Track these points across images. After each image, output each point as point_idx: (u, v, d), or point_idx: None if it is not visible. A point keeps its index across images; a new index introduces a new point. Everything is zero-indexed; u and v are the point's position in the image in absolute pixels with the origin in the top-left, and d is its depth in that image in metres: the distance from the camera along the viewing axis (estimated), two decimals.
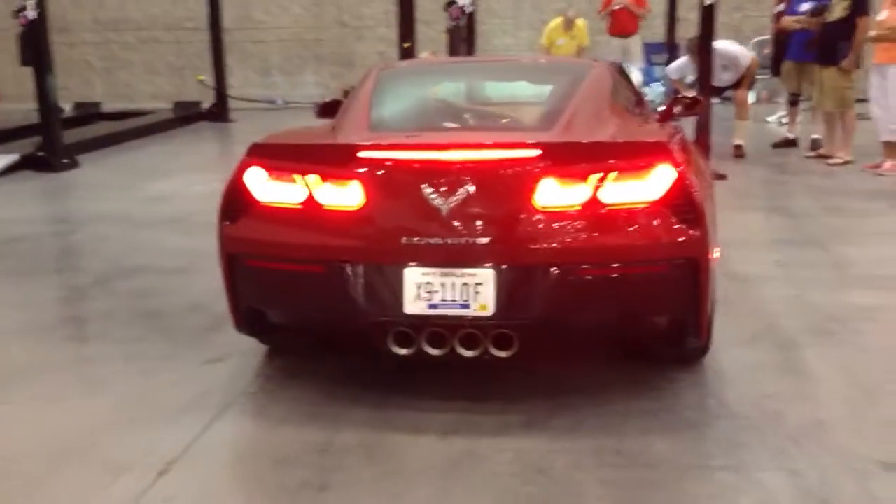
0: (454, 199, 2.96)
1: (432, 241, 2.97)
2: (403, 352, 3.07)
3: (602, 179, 2.97)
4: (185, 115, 12.78)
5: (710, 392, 3.35)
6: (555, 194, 2.98)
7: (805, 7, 8.71)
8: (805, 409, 3.17)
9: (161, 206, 7.23)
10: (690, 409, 3.21)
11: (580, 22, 12.13)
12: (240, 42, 14.60)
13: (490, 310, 2.96)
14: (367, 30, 14.62)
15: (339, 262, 3.06)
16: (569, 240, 2.96)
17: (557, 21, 12.13)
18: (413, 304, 2.99)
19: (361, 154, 3.13)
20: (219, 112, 12.92)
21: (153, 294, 4.83)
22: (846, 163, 7.98)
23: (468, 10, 11.94)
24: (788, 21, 8.82)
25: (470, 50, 12.11)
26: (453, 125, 3.86)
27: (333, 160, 3.18)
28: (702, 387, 3.40)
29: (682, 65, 9.02)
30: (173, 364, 3.79)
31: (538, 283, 2.97)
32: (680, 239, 2.98)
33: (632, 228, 2.98)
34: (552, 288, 2.97)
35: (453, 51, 11.70)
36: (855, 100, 8.05)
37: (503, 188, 3.01)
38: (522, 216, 2.97)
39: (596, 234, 2.97)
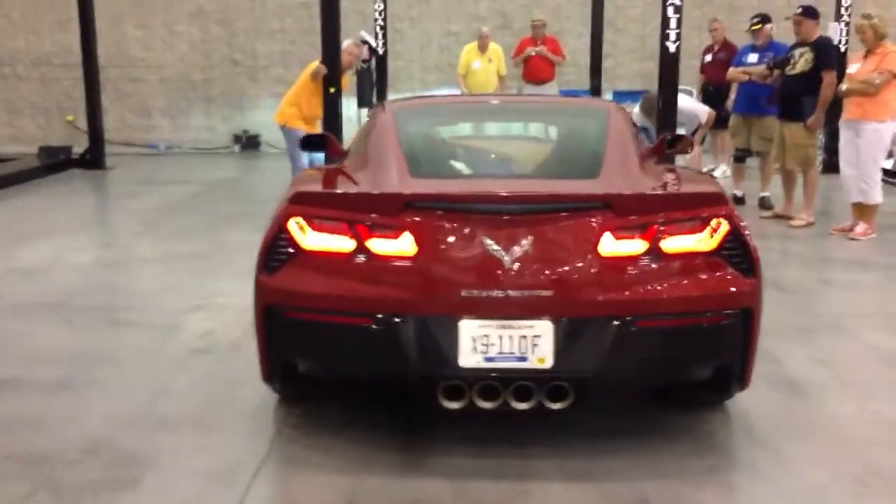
0: (515, 251, 2.93)
1: (491, 293, 2.91)
2: (454, 406, 3.01)
3: (661, 230, 2.99)
4: (54, 163, 11.15)
5: None
6: (615, 245, 2.98)
7: (753, 58, 8.22)
8: None
9: (30, 283, 5.81)
10: None
11: (496, 46, 11.46)
12: (114, 80, 13.10)
13: (548, 363, 2.92)
14: (261, 70, 13.39)
15: (391, 315, 2.95)
16: (629, 291, 2.95)
17: (471, 45, 11.45)
18: (468, 358, 2.94)
19: (417, 204, 3.04)
20: (93, 158, 11.35)
21: (31, 425, 3.54)
22: (808, 225, 7.43)
23: (380, 50, 11.10)
24: (736, 73, 8.30)
25: (382, 93, 11.22)
26: (496, 172, 3.93)
27: (385, 209, 3.06)
28: None
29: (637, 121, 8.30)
30: None
31: (598, 334, 2.93)
32: (738, 289, 3.03)
33: (691, 279, 3.01)
34: (612, 339, 2.91)
35: (362, 93, 10.77)
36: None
37: (563, 239, 2.99)
38: (583, 267, 2.96)
39: (656, 285, 2.97)
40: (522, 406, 2.98)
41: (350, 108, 9.91)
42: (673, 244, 3.01)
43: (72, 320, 4.97)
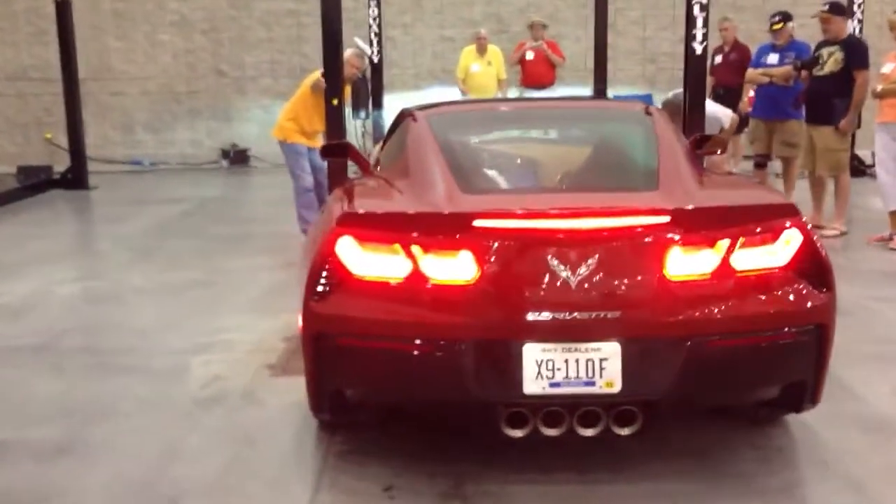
0: (581, 270, 2.78)
1: (556, 315, 2.77)
2: (518, 433, 2.88)
3: (732, 245, 2.86)
4: (34, 183, 10.57)
5: None
6: (685, 262, 2.85)
7: (773, 59, 7.84)
8: None
9: (13, 322, 5.28)
10: None
11: (495, 48, 11.19)
12: (95, 94, 12.53)
13: (617, 386, 2.79)
14: (249, 81, 12.87)
15: (450, 340, 2.82)
16: (700, 309, 2.82)
17: (469, 47, 11.25)
18: (533, 384, 2.79)
19: (477, 223, 2.86)
20: (75, 178, 10.78)
21: (28, 501, 3.05)
22: (841, 234, 7.04)
23: (374, 58, 10.66)
24: (756, 74, 7.90)
25: (377, 102, 10.77)
26: (552, 185, 3.73)
27: (442, 229, 2.92)
28: None
29: None
30: None
31: (669, 355, 2.79)
32: (812, 304, 2.92)
33: (764, 295, 2.89)
34: (683, 360, 2.78)
35: (356, 103, 10.32)
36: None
37: (630, 256, 2.85)
38: (651, 285, 2.82)
39: (728, 302, 2.86)
40: (589, 432, 2.86)
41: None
42: (744, 258, 2.88)
43: (63, 367, 4.46)
